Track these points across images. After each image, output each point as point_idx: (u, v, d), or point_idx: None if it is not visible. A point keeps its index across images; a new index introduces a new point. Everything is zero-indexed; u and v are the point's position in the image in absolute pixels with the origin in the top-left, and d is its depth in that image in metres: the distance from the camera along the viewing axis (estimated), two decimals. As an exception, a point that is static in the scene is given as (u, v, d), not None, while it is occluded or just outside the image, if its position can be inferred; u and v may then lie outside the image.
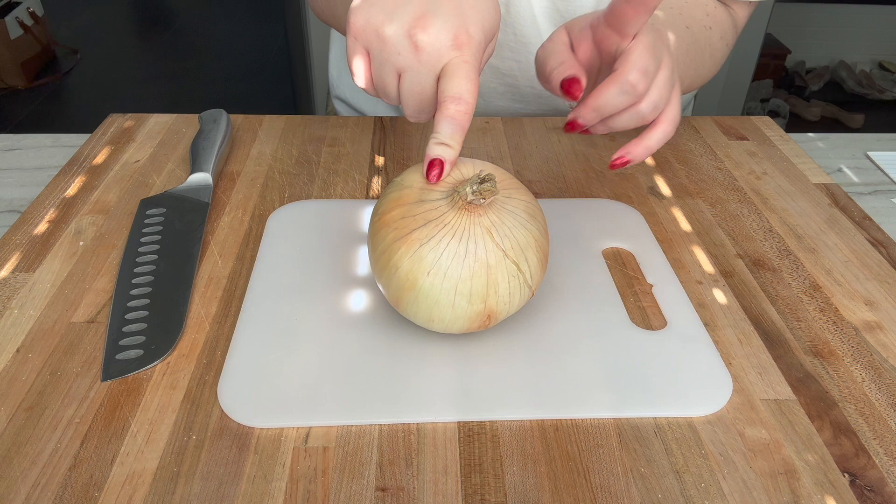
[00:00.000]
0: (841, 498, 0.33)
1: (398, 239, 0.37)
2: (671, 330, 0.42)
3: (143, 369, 0.39)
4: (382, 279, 0.38)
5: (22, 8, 2.53)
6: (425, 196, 0.37)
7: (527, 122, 0.67)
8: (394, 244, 0.37)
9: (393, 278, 0.37)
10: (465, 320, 0.38)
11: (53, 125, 2.32)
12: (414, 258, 0.36)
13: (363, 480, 0.33)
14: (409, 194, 0.38)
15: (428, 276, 0.36)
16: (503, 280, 0.37)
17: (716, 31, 0.60)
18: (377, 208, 0.39)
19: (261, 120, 0.66)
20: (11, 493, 0.32)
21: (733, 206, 0.56)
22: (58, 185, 0.55)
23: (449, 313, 0.37)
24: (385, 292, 0.39)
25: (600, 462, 0.34)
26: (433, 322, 0.38)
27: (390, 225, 0.37)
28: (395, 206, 0.38)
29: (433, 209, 0.37)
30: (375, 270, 0.39)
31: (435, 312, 0.37)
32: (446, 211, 0.37)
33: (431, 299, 0.37)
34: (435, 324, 0.38)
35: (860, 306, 0.45)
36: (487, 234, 0.36)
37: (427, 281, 0.36)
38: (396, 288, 0.37)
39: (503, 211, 0.37)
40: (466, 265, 0.36)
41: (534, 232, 0.38)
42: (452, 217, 0.36)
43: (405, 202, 0.38)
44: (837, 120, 2.42)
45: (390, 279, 0.37)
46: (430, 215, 0.37)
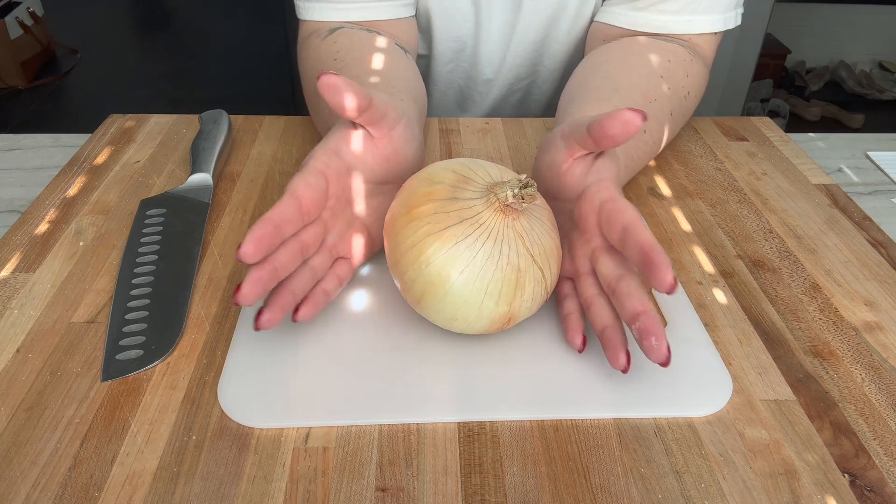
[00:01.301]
0: (841, 498, 0.33)
1: (431, 234, 0.36)
2: (671, 330, 0.42)
3: (143, 369, 0.39)
4: (407, 274, 0.37)
5: (22, 8, 2.53)
6: (458, 194, 0.37)
7: (527, 122, 0.67)
8: (426, 239, 0.36)
9: (422, 273, 0.37)
10: (487, 321, 0.38)
11: (53, 125, 2.32)
12: (448, 255, 0.36)
13: (363, 481, 0.33)
14: (441, 190, 0.37)
15: (461, 274, 0.36)
16: (529, 285, 0.37)
17: (693, 93, 0.60)
18: (403, 201, 0.38)
19: (261, 120, 0.66)
20: (11, 493, 0.32)
21: (733, 206, 0.56)
22: (58, 186, 0.55)
23: (474, 313, 0.37)
24: (405, 287, 0.38)
25: (600, 462, 0.34)
26: (455, 321, 0.38)
27: (422, 219, 0.37)
28: (425, 201, 0.37)
29: (467, 208, 0.37)
30: (400, 264, 0.38)
31: (461, 311, 0.37)
32: (481, 211, 0.37)
33: (460, 298, 0.36)
34: (457, 323, 0.38)
35: (860, 307, 0.45)
36: (520, 238, 0.37)
37: (459, 279, 0.36)
38: (424, 283, 0.37)
39: (532, 217, 0.38)
40: (500, 267, 0.36)
41: (555, 239, 0.39)
42: (487, 218, 0.36)
43: (437, 198, 0.37)
44: (837, 120, 2.42)
45: (418, 274, 0.37)
46: (464, 213, 0.36)
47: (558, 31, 0.68)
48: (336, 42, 0.58)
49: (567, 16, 0.67)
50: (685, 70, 0.58)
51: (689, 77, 0.59)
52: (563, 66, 0.73)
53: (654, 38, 0.60)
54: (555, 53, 0.71)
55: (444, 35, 0.70)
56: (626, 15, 0.61)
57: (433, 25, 0.68)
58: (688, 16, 0.60)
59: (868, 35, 2.62)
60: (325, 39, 0.59)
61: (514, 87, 0.75)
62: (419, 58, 0.72)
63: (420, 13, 0.67)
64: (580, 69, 0.60)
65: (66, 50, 2.82)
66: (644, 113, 0.37)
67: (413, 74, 0.58)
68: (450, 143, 0.63)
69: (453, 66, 0.74)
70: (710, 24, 0.60)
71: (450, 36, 0.70)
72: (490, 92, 0.75)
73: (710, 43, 0.62)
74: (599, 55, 0.60)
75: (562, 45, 0.70)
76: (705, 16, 0.60)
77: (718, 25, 0.61)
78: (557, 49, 0.70)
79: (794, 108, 2.44)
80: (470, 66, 0.73)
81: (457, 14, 0.68)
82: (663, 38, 0.60)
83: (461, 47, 0.71)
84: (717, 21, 0.60)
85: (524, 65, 0.72)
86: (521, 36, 0.69)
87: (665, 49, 0.58)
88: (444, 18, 0.68)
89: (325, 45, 0.58)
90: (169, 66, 2.81)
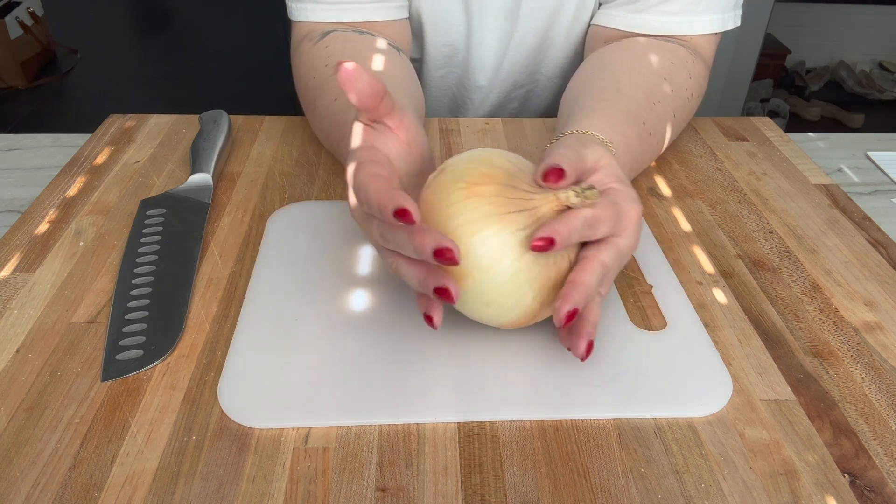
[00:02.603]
0: (841, 498, 0.33)
1: (492, 215, 0.35)
2: (671, 330, 0.42)
3: (143, 369, 0.39)
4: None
5: (22, 8, 2.53)
6: (516, 183, 0.37)
7: (527, 122, 0.67)
8: (487, 219, 0.35)
9: (473, 251, 0.35)
10: (518, 314, 0.37)
11: (53, 125, 2.32)
12: (505, 241, 0.35)
13: (363, 481, 0.33)
14: (501, 175, 0.37)
15: (512, 263, 0.36)
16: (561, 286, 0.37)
17: (695, 94, 0.60)
18: (457, 175, 0.37)
19: (261, 121, 0.66)
20: (11, 493, 0.32)
21: (733, 206, 0.56)
22: (58, 186, 0.55)
23: (511, 303, 0.37)
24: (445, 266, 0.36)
25: (600, 462, 0.34)
26: (489, 307, 0.37)
27: (484, 197, 0.36)
28: (486, 181, 0.37)
29: (527, 199, 0.36)
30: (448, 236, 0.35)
31: (500, 299, 0.37)
32: (539, 205, 0.36)
33: (505, 286, 0.36)
34: (489, 310, 0.37)
35: (860, 307, 0.45)
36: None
37: (510, 266, 0.36)
38: (472, 263, 0.36)
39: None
40: (547, 264, 0.36)
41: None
42: (545, 213, 0.36)
43: (498, 181, 0.37)
44: (837, 120, 2.42)
45: (469, 251, 0.35)
46: (524, 204, 0.36)
47: (556, 36, 0.68)
48: (328, 47, 0.58)
49: (564, 21, 0.67)
50: (688, 71, 0.58)
51: (691, 78, 0.59)
52: (561, 72, 0.72)
53: (654, 39, 0.60)
54: (553, 59, 0.71)
55: (436, 39, 0.69)
56: (626, 17, 0.61)
57: (424, 29, 0.68)
58: (688, 17, 0.60)
59: (868, 35, 2.62)
60: (316, 44, 0.59)
61: (511, 94, 0.75)
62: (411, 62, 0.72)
63: (412, 16, 0.67)
64: (582, 70, 0.60)
65: (66, 50, 2.82)
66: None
67: (408, 75, 0.58)
68: (450, 143, 0.63)
69: (445, 72, 0.73)
70: (709, 25, 0.60)
71: (441, 40, 0.70)
72: (486, 99, 0.75)
73: (710, 43, 0.62)
74: (601, 56, 0.60)
75: (560, 50, 0.70)
76: (705, 16, 0.60)
77: (718, 26, 0.61)
78: (555, 55, 0.70)
79: (794, 108, 2.44)
80: (462, 73, 0.73)
81: (448, 17, 0.67)
82: (664, 39, 0.60)
83: (453, 52, 0.71)
84: (717, 21, 0.60)
85: (522, 72, 0.72)
86: (519, 43, 0.69)
87: (667, 50, 0.58)
88: (435, 22, 0.68)
89: (317, 50, 0.58)
90: (169, 66, 2.81)
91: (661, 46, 0.59)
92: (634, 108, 0.52)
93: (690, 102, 0.59)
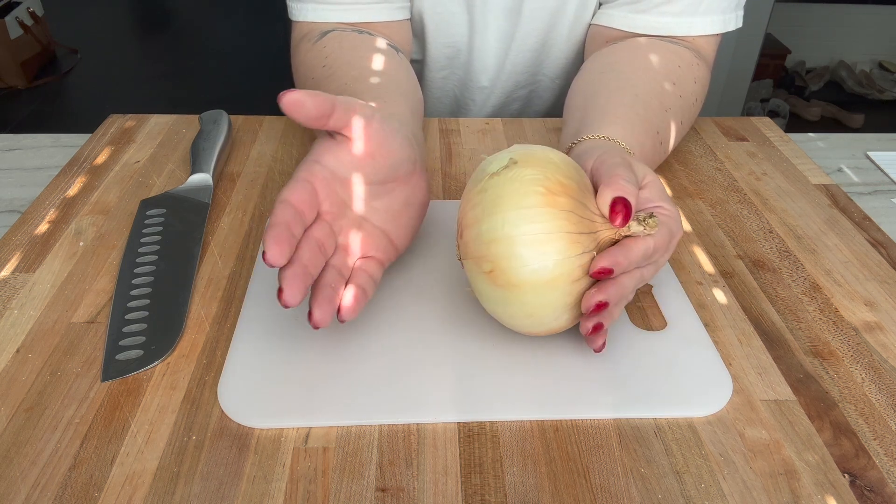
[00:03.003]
0: (841, 498, 0.33)
1: (563, 231, 0.35)
2: (671, 330, 0.42)
3: (143, 369, 0.39)
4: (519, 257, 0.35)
5: (22, 8, 2.53)
6: (586, 200, 0.37)
7: (527, 122, 0.67)
8: (559, 234, 0.35)
9: (534, 263, 0.35)
10: (548, 329, 0.38)
11: (53, 125, 2.32)
12: (570, 261, 0.35)
13: (363, 481, 0.33)
14: (574, 189, 0.36)
15: (568, 284, 0.36)
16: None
17: (699, 99, 0.60)
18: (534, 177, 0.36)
19: (261, 121, 0.66)
20: (11, 493, 0.32)
21: (733, 206, 0.56)
22: (58, 186, 0.55)
23: (550, 319, 0.37)
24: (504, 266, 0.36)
25: (600, 462, 0.34)
26: (530, 319, 0.37)
27: (559, 209, 0.35)
28: (563, 192, 0.36)
29: (592, 220, 0.36)
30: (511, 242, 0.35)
31: (539, 313, 0.37)
32: (602, 231, 0.36)
33: (553, 303, 0.36)
34: (529, 321, 0.37)
35: (860, 307, 0.45)
36: None
37: (565, 288, 0.36)
38: (532, 272, 0.35)
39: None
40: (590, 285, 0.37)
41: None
42: (606, 239, 0.37)
43: (572, 195, 0.36)
44: (837, 120, 2.42)
45: (532, 260, 0.35)
46: (591, 226, 0.36)
47: (558, 36, 0.68)
48: (325, 48, 0.57)
49: (566, 21, 0.67)
50: (693, 76, 0.58)
51: (696, 83, 0.59)
52: (563, 72, 0.72)
53: (657, 40, 0.60)
54: (555, 59, 0.71)
55: (437, 40, 0.69)
56: (627, 17, 0.61)
57: (426, 30, 0.68)
58: (689, 17, 0.59)
59: (868, 35, 2.62)
60: (314, 45, 0.59)
61: (513, 95, 0.75)
62: (412, 63, 0.71)
63: (413, 17, 0.67)
64: (588, 70, 0.59)
65: (66, 50, 2.82)
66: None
67: (405, 74, 0.58)
68: (450, 143, 0.63)
69: (447, 73, 0.73)
70: (710, 26, 0.60)
71: (442, 42, 0.70)
72: (488, 100, 0.75)
73: (711, 44, 0.62)
74: (608, 56, 0.59)
75: (561, 50, 0.70)
76: (706, 17, 0.60)
77: (719, 27, 0.60)
78: (557, 55, 0.70)
79: (794, 108, 2.44)
80: (464, 74, 0.73)
81: (450, 18, 0.67)
82: (666, 40, 0.60)
83: (455, 53, 0.71)
84: (718, 22, 0.60)
85: (524, 72, 0.72)
86: (521, 44, 0.69)
87: (672, 52, 0.58)
88: (437, 23, 0.68)
89: (315, 50, 0.58)
90: (169, 66, 2.81)
91: (667, 48, 0.59)
92: (651, 117, 0.52)
93: (695, 107, 0.59)
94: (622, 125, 0.49)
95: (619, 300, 0.37)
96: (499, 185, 0.36)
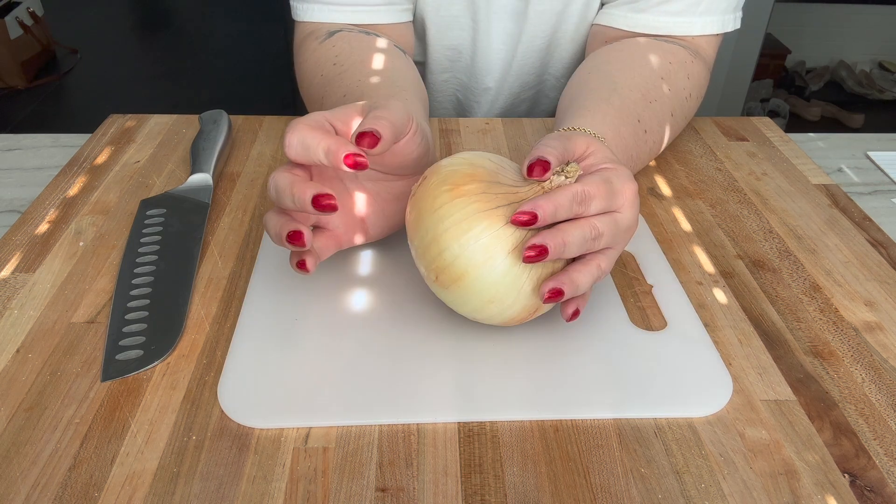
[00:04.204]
0: (841, 498, 0.33)
1: (481, 211, 0.35)
2: (671, 331, 0.42)
3: (143, 369, 0.39)
4: (449, 251, 0.36)
5: (22, 8, 2.53)
6: (500, 178, 0.37)
7: (527, 122, 0.67)
8: (476, 215, 0.35)
9: (466, 250, 0.35)
10: (520, 308, 0.37)
11: (53, 125, 2.32)
12: (497, 234, 0.35)
13: (363, 481, 0.33)
14: (483, 173, 0.37)
15: (508, 255, 0.36)
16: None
17: (694, 94, 0.60)
18: (440, 179, 0.37)
19: (261, 121, 0.66)
20: (11, 493, 0.32)
21: (733, 206, 0.56)
22: (58, 186, 0.55)
23: (511, 298, 0.37)
24: (442, 266, 0.36)
25: (600, 462, 0.34)
26: (491, 305, 0.37)
27: (470, 196, 0.36)
28: (469, 181, 0.36)
29: (513, 192, 0.36)
30: (440, 241, 0.36)
31: (499, 294, 0.36)
32: (526, 196, 0.36)
33: (503, 280, 0.36)
34: (491, 307, 0.37)
35: (860, 307, 0.45)
36: None
37: (506, 260, 0.36)
38: (467, 261, 0.36)
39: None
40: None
41: None
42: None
43: (481, 179, 0.37)
44: (837, 120, 2.42)
45: (462, 250, 0.35)
46: (511, 197, 0.36)
47: (563, 36, 0.68)
48: (335, 46, 0.58)
49: (571, 20, 0.67)
50: (686, 72, 0.58)
51: (690, 79, 0.59)
52: (569, 72, 0.72)
53: (654, 39, 0.60)
54: (560, 59, 0.71)
55: (439, 43, 0.69)
56: (627, 17, 0.61)
57: (428, 33, 0.68)
58: (688, 17, 0.60)
59: (868, 35, 2.62)
60: (322, 43, 0.59)
61: (520, 96, 0.75)
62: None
63: (416, 20, 0.67)
64: (580, 70, 0.60)
65: (66, 50, 2.82)
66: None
67: (414, 74, 0.58)
68: (450, 143, 0.63)
69: (448, 76, 0.73)
70: (710, 26, 0.60)
71: (445, 44, 0.70)
72: (495, 102, 0.75)
73: (710, 44, 0.62)
74: (600, 56, 0.60)
75: (567, 50, 0.70)
76: (706, 17, 0.60)
77: (718, 27, 0.61)
78: (562, 55, 0.70)
79: (794, 108, 2.44)
80: (467, 77, 0.73)
81: (453, 22, 0.67)
82: (664, 40, 0.60)
83: (456, 56, 0.71)
84: (717, 23, 0.60)
85: (531, 73, 0.72)
86: (527, 45, 0.69)
87: (666, 50, 0.58)
88: (439, 26, 0.68)
89: (324, 48, 0.58)
90: (169, 66, 2.81)
91: (661, 47, 0.59)
92: (629, 106, 0.52)
93: (689, 103, 0.59)
94: (592, 116, 0.50)
95: (560, 247, 0.35)
96: (416, 201, 0.38)
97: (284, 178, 0.38)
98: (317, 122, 0.38)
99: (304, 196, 0.36)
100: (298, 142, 0.37)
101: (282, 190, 0.37)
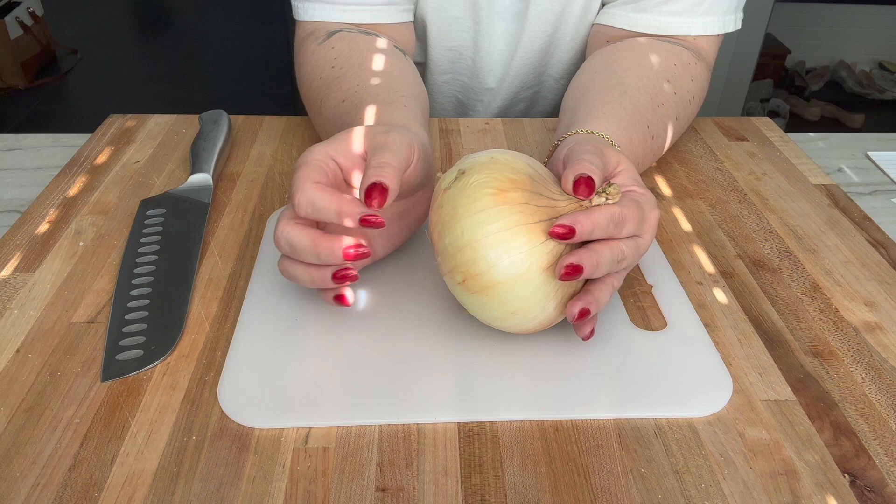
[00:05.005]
0: (841, 498, 0.33)
1: (523, 224, 0.35)
2: (671, 331, 0.42)
3: (142, 370, 0.39)
4: (486, 259, 0.35)
5: (22, 8, 2.53)
6: (541, 189, 0.37)
7: (527, 122, 0.67)
8: (517, 227, 0.35)
9: (501, 261, 0.35)
10: (538, 322, 0.38)
11: (53, 125, 2.32)
12: (536, 250, 0.35)
13: (363, 481, 0.33)
14: (526, 181, 0.36)
15: (542, 272, 0.36)
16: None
17: (697, 97, 0.60)
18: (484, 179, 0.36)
19: (261, 121, 0.66)
20: (11, 493, 0.32)
21: (733, 206, 0.56)
22: (58, 186, 0.55)
23: (535, 312, 0.37)
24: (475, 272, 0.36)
25: (600, 462, 0.34)
26: (513, 317, 0.37)
27: (514, 205, 0.35)
28: (513, 188, 0.36)
29: (553, 206, 0.36)
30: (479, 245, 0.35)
31: (525, 307, 0.36)
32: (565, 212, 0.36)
33: (533, 295, 0.36)
34: (512, 318, 0.37)
35: (860, 307, 0.45)
36: None
37: (540, 277, 0.36)
38: (502, 271, 0.35)
39: None
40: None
41: None
42: None
43: (524, 188, 0.36)
44: (837, 120, 2.42)
45: (497, 261, 0.35)
46: (551, 212, 0.36)
47: (563, 37, 0.68)
48: (334, 48, 0.57)
49: (571, 21, 0.67)
50: (690, 74, 0.58)
51: (693, 81, 0.59)
52: (567, 73, 0.72)
53: (656, 40, 0.60)
54: (559, 60, 0.71)
55: (440, 44, 0.69)
56: (628, 16, 0.61)
57: (429, 34, 0.68)
58: (689, 18, 0.60)
59: (868, 35, 2.62)
60: (322, 44, 0.59)
61: (518, 96, 0.75)
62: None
63: (416, 21, 0.67)
64: (585, 69, 0.60)
65: (66, 50, 2.82)
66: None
67: (414, 76, 0.58)
68: (450, 143, 0.63)
69: (449, 77, 0.73)
70: (711, 27, 0.60)
71: (445, 45, 0.69)
72: (493, 102, 0.75)
73: (711, 45, 0.62)
74: (604, 55, 0.60)
75: (566, 51, 0.70)
76: (707, 18, 0.60)
77: (719, 28, 0.61)
78: (561, 56, 0.70)
79: (794, 108, 2.44)
80: (468, 78, 0.73)
81: (454, 24, 0.67)
82: (666, 40, 0.60)
83: (457, 57, 0.71)
84: (718, 23, 0.60)
85: (529, 73, 0.72)
86: (527, 45, 0.69)
87: (669, 51, 0.58)
88: (440, 27, 0.68)
89: (323, 50, 0.58)
90: (169, 66, 2.81)
91: (664, 48, 0.59)
92: (640, 111, 0.52)
93: (692, 105, 0.59)
94: (607, 120, 0.49)
95: (594, 268, 0.36)
96: (452, 198, 0.37)
97: (301, 236, 0.38)
98: (321, 173, 0.39)
99: (334, 254, 0.37)
100: (308, 202, 0.37)
101: (303, 248, 0.38)
